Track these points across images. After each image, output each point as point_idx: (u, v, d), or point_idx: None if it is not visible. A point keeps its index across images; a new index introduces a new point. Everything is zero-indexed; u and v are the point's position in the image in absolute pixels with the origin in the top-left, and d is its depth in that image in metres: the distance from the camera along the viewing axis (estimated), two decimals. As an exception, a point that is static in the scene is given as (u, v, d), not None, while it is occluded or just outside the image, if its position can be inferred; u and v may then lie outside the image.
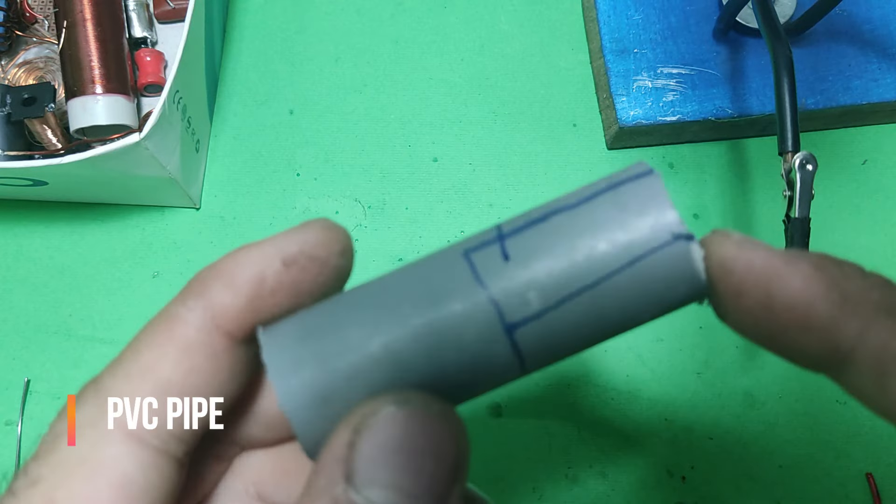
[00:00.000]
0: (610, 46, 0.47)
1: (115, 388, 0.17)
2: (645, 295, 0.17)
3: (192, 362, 0.17)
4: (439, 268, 0.18)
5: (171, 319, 0.18)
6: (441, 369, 0.17)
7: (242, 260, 0.18)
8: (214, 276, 0.18)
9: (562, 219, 0.17)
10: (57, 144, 0.42)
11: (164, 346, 0.17)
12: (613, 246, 0.17)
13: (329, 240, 0.19)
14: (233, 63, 0.50)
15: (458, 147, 0.48)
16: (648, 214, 0.17)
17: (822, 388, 0.43)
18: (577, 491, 0.42)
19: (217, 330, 0.17)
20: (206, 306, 0.17)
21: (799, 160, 0.35)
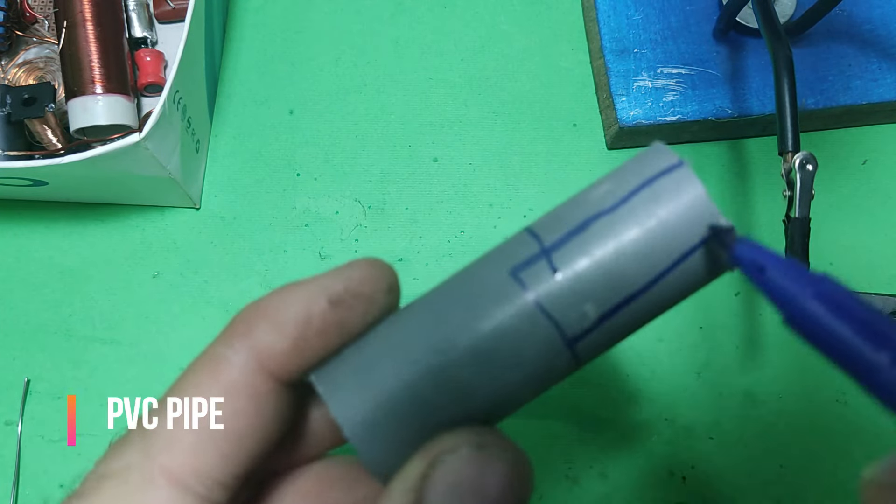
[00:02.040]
0: (610, 46, 0.47)
1: (161, 431, 0.17)
2: (692, 283, 0.18)
3: (238, 406, 0.17)
4: (488, 288, 0.18)
5: (216, 361, 0.18)
6: (502, 387, 0.17)
7: (288, 299, 0.18)
8: (260, 317, 0.18)
9: (602, 225, 0.17)
10: (57, 144, 0.42)
11: (210, 389, 0.17)
12: (660, 250, 0.17)
13: (375, 277, 0.18)
14: (233, 63, 0.50)
15: (458, 147, 0.48)
16: (690, 214, 0.17)
17: (822, 388, 0.43)
18: (578, 491, 0.42)
19: (262, 372, 0.17)
20: (252, 347, 0.17)
21: (799, 160, 0.35)
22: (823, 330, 0.15)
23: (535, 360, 0.17)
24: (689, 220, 0.17)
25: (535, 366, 0.17)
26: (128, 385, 0.43)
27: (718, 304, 0.45)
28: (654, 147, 0.18)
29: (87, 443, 0.43)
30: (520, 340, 0.17)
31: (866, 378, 0.15)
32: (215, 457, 0.17)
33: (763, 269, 0.16)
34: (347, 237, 0.46)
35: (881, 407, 0.15)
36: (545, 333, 0.17)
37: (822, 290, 0.15)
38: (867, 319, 0.15)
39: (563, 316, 0.17)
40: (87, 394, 0.43)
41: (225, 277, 0.45)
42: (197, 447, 0.17)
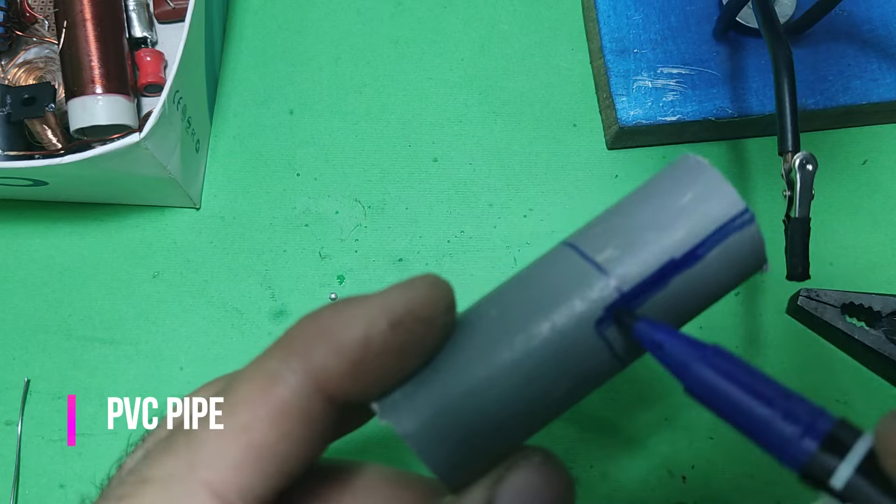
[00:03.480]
0: (610, 46, 0.47)
1: (207, 443, 0.17)
2: (727, 270, 0.19)
3: (288, 427, 0.17)
4: (578, 343, 0.19)
5: (271, 377, 0.17)
6: (557, 413, 0.19)
7: (348, 319, 0.17)
8: (318, 335, 0.17)
9: (681, 282, 0.19)
10: (57, 144, 0.42)
11: (261, 406, 0.17)
12: (722, 293, 0.20)
13: (436, 298, 0.18)
14: (233, 63, 0.50)
15: (458, 147, 0.48)
16: (751, 266, 0.20)
17: (822, 388, 0.43)
18: (578, 492, 0.42)
19: (317, 394, 0.17)
20: (308, 369, 0.17)
21: (799, 160, 0.35)
22: (715, 392, 0.17)
23: (594, 379, 0.19)
24: (748, 270, 0.20)
25: (592, 383, 0.20)
26: (128, 385, 0.43)
27: (718, 304, 0.44)
28: (718, 185, 0.19)
29: (87, 443, 0.43)
30: (590, 379, 0.19)
31: (758, 434, 0.16)
32: (259, 475, 0.16)
33: (661, 345, 0.18)
34: (347, 237, 0.46)
35: (774, 459, 0.17)
36: (611, 366, 0.19)
37: (710, 358, 0.17)
38: (754, 381, 0.16)
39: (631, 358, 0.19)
40: (87, 394, 0.43)
41: (225, 277, 0.45)
42: (242, 464, 0.16)
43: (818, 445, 0.15)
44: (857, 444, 0.15)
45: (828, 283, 0.45)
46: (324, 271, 0.45)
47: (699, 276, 0.19)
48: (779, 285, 0.45)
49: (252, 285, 0.45)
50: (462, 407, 0.18)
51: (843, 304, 0.37)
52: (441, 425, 0.18)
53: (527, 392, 0.18)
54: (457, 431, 0.18)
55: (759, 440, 0.16)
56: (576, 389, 0.19)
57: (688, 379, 0.17)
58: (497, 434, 0.18)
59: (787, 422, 0.16)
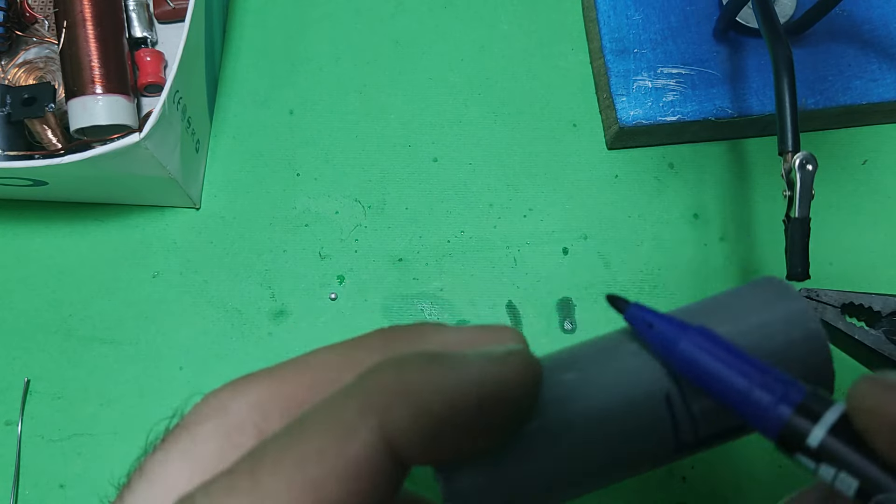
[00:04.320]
0: (610, 46, 0.47)
1: (274, 490, 0.15)
2: None
3: (357, 487, 0.16)
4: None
5: (347, 432, 0.16)
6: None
7: (437, 385, 0.16)
8: (402, 394, 0.16)
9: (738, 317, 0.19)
10: (57, 144, 0.42)
11: (335, 462, 0.16)
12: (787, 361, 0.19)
13: (530, 381, 0.17)
14: (233, 63, 0.50)
15: (458, 147, 0.48)
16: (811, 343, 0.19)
17: (822, 388, 0.43)
18: (577, 491, 0.42)
19: (390, 456, 0.16)
20: (386, 428, 0.16)
21: (799, 160, 0.35)
22: (698, 366, 0.18)
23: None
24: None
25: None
26: (127, 385, 0.43)
27: (718, 304, 0.45)
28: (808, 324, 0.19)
29: (87, 443, 0.43)
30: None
31: (737, 404, 0.18)
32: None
33: (650, 325, 0.19)
34: (347, 237, 0.46)
35: (756, 428, 0.18)
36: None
37: (694, 337, 0.18)
38: (734, 358, 0.18)
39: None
40: (86, 394, 0.43)
41: (225, 277, 0.45)
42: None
43: (792, 411, 0.17)
44: (830, 410, 0.17)
45: (828, 283, 0.45)
46: (324, 271, 0.45)
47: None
48: (779, 285, 0.45)
49: (252, 285, 0.45)
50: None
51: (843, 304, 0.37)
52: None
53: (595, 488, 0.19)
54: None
55: (740, 410, 0.18)
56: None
57: (674, 355, 0.18)
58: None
59: (764, 391, 0.17)
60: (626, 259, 0.46)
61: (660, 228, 0.46)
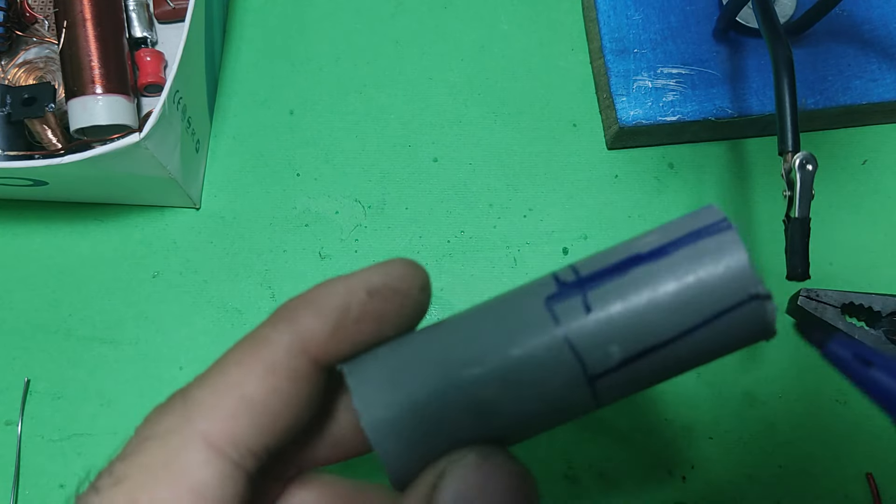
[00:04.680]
0: (610, 46, 0.47)
1: (202, 399, 0.18)
2: (719, 345, 0.18)
3: (276, 383, 0.18)
4: (523, 315, 0.18)
5: (260, 341, 0.19)
6: (520, 412, 0.18)
7: (330, 290, 0.19)
8: (303, 304, 0.19)
9: (642, 272, 0.18)
10: (57, 144, 0.42)
11: (251, 365, 0.18)
12: (694, 306, 0.17)
13: (411, 275, 0.20)
14: (233, 63, 0.50)
15: (458, 147, 0.48)
16: (728, 275, 0.17)
17: (822, 388, 0.43)
18: (578, 491, 0.42)
19: (302, 354, 0.18)
20: (295, 331, 0.18)
21: (799, 160, 0.35)
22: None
23: (556, 390, 0.18)
24: (727, 285, 0.17)
25: (554, 396, 0.18)
26: (127, 385, 0.43)
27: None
28: (707, 208, 0.19)
29: (87, 442, 0.43)
30: (544, 370, 0.18)
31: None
32: (251, 427, 0.18)
33: (869, 363, 0.16)
34: (347, 237, 0.46)
35: None
36: (569, 367, 0.17)
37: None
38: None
39: (588, 354, 0.17)
40: (86, 394, 0.43)
41: (225, 277, 0.45)
42: (235, 417, 0.18)
43: None
44: None
45: (828, 283, 0.45)
46: (324, 271, 0.46)
47: (665, 273, 0.17)
48: (779, 285, 0.45)
49: (252, 285, 0.45)
50: (421, 397, 0.18)
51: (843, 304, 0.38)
52: (395, 402, 0.18)
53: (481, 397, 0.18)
54: (409, 416, 0.18)
55: None
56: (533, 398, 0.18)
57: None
58: (445, 421, 0.18)
59: None
60: (626, 259, 0.46)
61: (660, 228, 0.46)
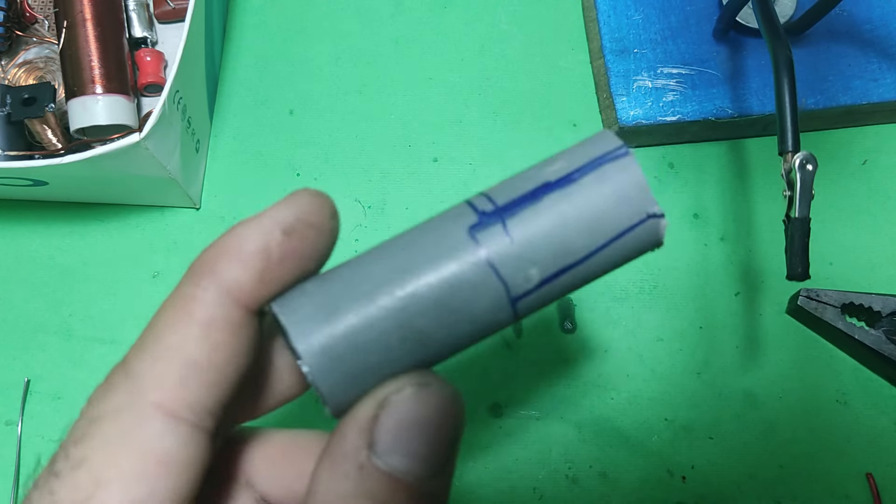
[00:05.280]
0: (610, 46, 0.47)
1: (146, 371, 0.18)
2: (621, 258, 0.20)
3: (216, 338, 0.18)
4: (447, 242, 0.19)
5: (187, 300, 0.18)
6: (449, 334, 0.19)
7: (245, 235, 0.19)
8: (221, 254, 0.19)
9: (554, 199, 0.19)
10: (57, 144, 0.42)
11: (186, 326, 0.18)
12: (602, 227, 0.19)
13: (320, 206, 0.20)
14: (233, 63, 0.50)
15: (458, 147, 0.48)
16: (631, 198, 0.19)
17: (822, 388, 0.43)
18: (577, 491, 0.42)
19: (233, 304, 0.18)
20: (220, 283, 0.18)
21: (799, 160, 0.35)
22: None
23: (483, 313, 0.19)
24: (630, 207, 0.19)
25: (481, 318, 0.19)
26: (128, 385, 0.43)
27: (718, 304, 0.45)
28: (602, 133, 0.20)
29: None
30: (472, 294, 0.19)
31: None
32: (201, 387, 0.18)
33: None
34: (347, 237, 0.46)
35: None
36: (494, 290, 0.19)
37: None
38: None
39: (512, 278, 0.19)
40: (86, 394, 0.43)
41: (225, 277, 0.45)
42: (183, 381, 0.18)
43: None
44: None
45: (828, 283, 0.45)
46: (323, 271, 0.45)
47: (575, 199, 0.19)
48: (779, 285, 0.45)
49: (252, 285, 0.45)
50: (353, 325, 0.19)
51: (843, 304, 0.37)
52: (329, 333, 0.18)
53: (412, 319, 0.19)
54: (343, 345, 0.18)
55: None
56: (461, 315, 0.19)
57: None
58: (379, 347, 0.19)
59: None
60: (626, 259, 0.46)
61: (660, 228, 0.46)
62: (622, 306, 0.45)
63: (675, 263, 0.45)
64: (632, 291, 0.45)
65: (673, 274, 0.45)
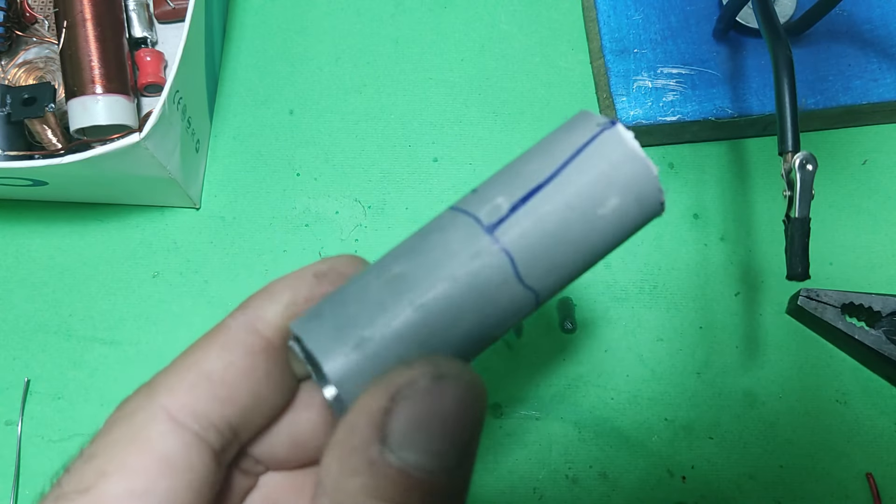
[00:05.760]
0: (610, 46, 0.47)
1: (164, 381, 0.19)
2: (595, 177, 0.19)
3: (232, 357, 0.19)
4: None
5: (219, 328, 0.20)
6: (456, 315, 0.19)
7: (282, 280, 0.21)
8: (258, 295, 0.21)
9: (516, 159, 0.20)
10: (57, 144, 0.42)
11: (209, 346, 0.20)
12: (555, 149, 0.19)
13: (354, 262, 0.22)
14: (233, 63, 0.50)
15: (458, 147, 0.48)
16: (578, 123, 0.20)
17: (822, 388, 0.43)
18: (577, 491, 0.42)
19: (255, 333, 0.20)
20: (248, 314, 0.20)
21: (799, 160, 0.35)
22: None
23: (469, 260, 0.19)
24: (579, 127, 0.19)
25: (470, 266, 0.19)
26: (128, 385, 0.43)
27: (718, 304, 0.45)
28: (587, 118, 0.20)
29: (86, 443, 0.43)
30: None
31: None
32: (210, 400, 0.19)
33: None
34: (347, 237, 0.46)
35: None
36: (466, 224, 0.19)
37: None
38: None
39: (477, 209, 0.20)
40: (87, 394, 0.43)
41: (225, 277, 0.45)
42: (193, 389, 0.19)
43: None
44: None
45: (828, 283, 0.45)
46: (324, 271, 0.45)
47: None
48: (779, 285, 0.45)
49: (252, 285, 0.45)
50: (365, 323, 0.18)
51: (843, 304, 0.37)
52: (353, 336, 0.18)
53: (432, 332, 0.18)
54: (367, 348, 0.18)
55: None
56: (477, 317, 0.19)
57: None
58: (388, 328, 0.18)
59: None
60: (626, 259, 0.46)
61: (660, 228, 0.46)
62: (622, 306, 0.45)
63: (675, 263, 0.45)
64: (632, 291, 0.45)
65: (673, 274, 0.45)
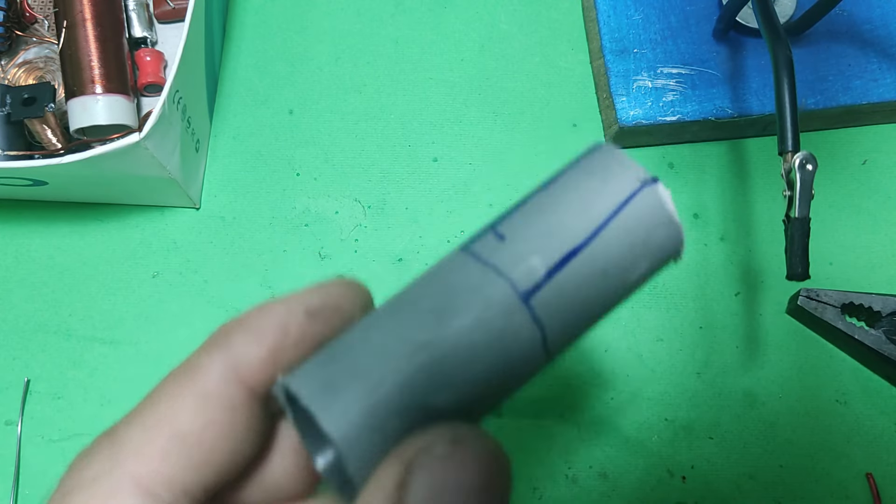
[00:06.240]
0: (610, 46, 0.47)
1: (130, 438, 0.17)
2: (632, 242, 0.18)
3: (210, 415, 0.17)
4: (445, 270, 0.18)
5: (192, 369, 0.17)
6: (473, 367, 0.17)
7: (266, 311, 0.18)
8: (238, 327, 0.17)
9: (541, 196, 0.18)
10: (57, 144, 0.42)
11: (183, 396, 0.17)
12: (590, 200, 0.18)
13: (352, 294, 0.18)
14: (233, 63, 0.50)
15: (458, 147, 0.48)
16: (615, 171, 0.18)
17: (822, 388, 0.43)
18: (577, 491, 0.42)
19: (238, 382, 0.17)
20: (228, 356, 0.17)
21: (799, 160, 0.35)
22: None
23: (495, 319, 0.17)
24: (617, 178, 0.18)
25: (496, 326, 0.17)
26: (127, 385, 0.43)
27: (718, 304, 0.45)
28: (591, 144, 0.19)
29: (87, 443, 0.42)
30: (480, 303, 0.17)
31: None
32: (185, 465, 0.16)
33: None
34: (347, 237, 0.46)
35: None
36: (500, 291, 0.17)
37: None
38: None
39: (513, 270, 0.17)
40: (86, 394, 0.43)
41: (225, 277, 0.45)
42: (166, 454, 0.16)
43: None
44: None
45: (828, 283, 0.45)
46: (324, 271, 0.45)
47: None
48: (779, 285, 0.45)
49: (252, 285, 0.45)
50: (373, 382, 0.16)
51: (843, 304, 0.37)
52: (357, 396, 0.16)
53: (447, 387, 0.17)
54: (374, 409, 0.16)
55: None
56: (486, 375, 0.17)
57: None
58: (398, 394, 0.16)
59: None
60: (626, 259, 0.46)
61: (660, 228, 0.46)
62: (622, 306, 0.45)
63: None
64: (632, 291, 0.45)
65: (673, 274, 0.45)
